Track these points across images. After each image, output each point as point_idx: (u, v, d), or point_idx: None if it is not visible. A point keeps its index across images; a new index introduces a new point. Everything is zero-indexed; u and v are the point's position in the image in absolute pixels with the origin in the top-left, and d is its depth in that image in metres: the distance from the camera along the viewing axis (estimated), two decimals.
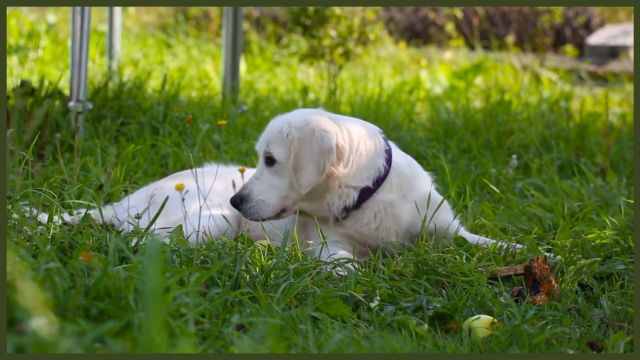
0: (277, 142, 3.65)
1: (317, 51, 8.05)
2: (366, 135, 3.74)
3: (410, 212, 3.79)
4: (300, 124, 3.64)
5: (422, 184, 3.86)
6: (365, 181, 3.71)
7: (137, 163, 4.95)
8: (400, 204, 3.77)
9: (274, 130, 3.68)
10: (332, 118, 3.72)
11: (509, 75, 10.02)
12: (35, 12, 12.34)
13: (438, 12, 13.36)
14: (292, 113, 3.78)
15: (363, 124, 3.81)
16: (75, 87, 5.40)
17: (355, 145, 3.69)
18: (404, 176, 3.80)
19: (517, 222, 4.31)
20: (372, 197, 3.74)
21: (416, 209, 3.77)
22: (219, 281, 3.04)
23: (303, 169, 3.61)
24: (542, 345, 2.81)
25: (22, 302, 2.16)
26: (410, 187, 3.81)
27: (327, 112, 3.79)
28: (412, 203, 3.78)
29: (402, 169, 3.81)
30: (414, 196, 3.80)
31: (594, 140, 6.09)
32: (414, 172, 3.87)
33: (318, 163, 3.60)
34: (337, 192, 3.69)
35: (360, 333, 2.91)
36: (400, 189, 3.78)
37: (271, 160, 3.67)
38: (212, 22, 13.09)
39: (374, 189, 3.73)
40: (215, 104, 6.62)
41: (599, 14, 13.40)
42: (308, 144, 3.61)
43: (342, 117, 3.79)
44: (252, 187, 3.67)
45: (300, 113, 3.76)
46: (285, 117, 3.73)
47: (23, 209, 3.48)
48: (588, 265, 3.56)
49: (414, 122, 6.55)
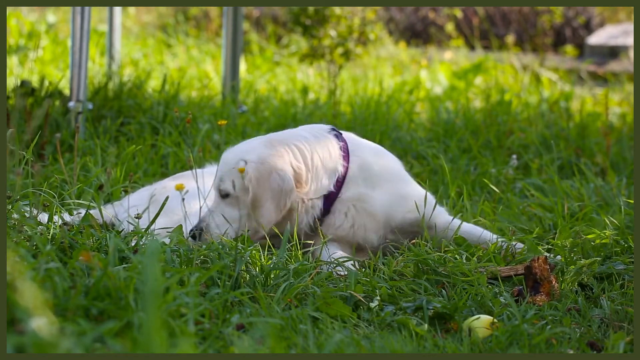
0: (230, 176, 3.63)
1: (317, 51, 8.05)
2: (317, 144, 3.71)
3: (383, 203, 3.77)
4: (256, 162, 3.61)
5: (391, 172, 3.83)
6: (328, 187, 3.71)
7: (137, 163, 4.95)
8: (371, 196, 3.75)
9: (228, 165, 3.65)
10: (281, 142, 3.68)
11: (509, 75, 10.02)
12: (35, 12, 12.34)
13: (438, 12, 13.36)
14: (244, 146, 3.72)
15: (310, 130, 3.77)
16: (75, 87, 5.39)
17: (309, 161, 3.67)
18: (367, 167, 3.77)
19: (517, 222, 4.31)
20: (339, 198, 3.73)
21: (390, 198, 3.76)
22: (219, 281, 3.04)
23: (262, 206, 3.59)
24: (542, 345, 2.81)
25: (22, 302, 2.16)
26: (378, 178, 3.79)
27: (276, 134, 3.77)
28: (385, 193, 3.77)
29: (364, 161, 3.77)
30: (385, 186, 3.78)
31: (594, 140, 6.09)
32: (380, 162, 3.83)
33: (278, 202, 3.58)
34: (302, 208, 3.68)
35: (360, 333, 2.91)
36: (366, 182, 3.76)
37: (226, 194, 3.66)
38: (212, 22, 13.09)
39: (336, 192, 3.72)
40: (215, 104, 6.62)
41: (599, 14, 13.40)
42: (266, 183, 3.58)
43: (289, 135, 3.75)
44: (208, 220, 3.64)
45: (253, 146, 3.69)
46: (239, 151, 3.69)
47: (23, 209, 3.48)
48: (588, 265, 3.56)
49: (414, 122, 6.55)
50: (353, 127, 6.03)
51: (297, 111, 6.63)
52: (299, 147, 3.68)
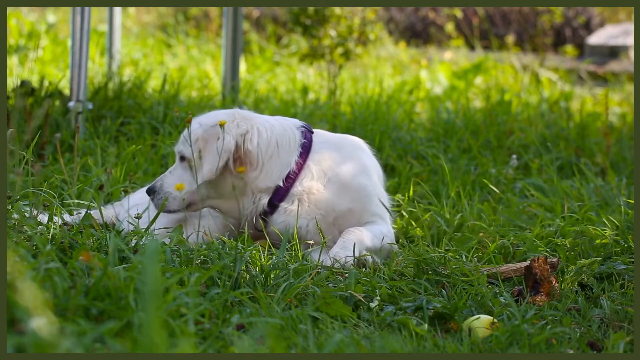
0: (188, 140, 3.72)
1: (317, 51, 8.05)
2: (279, 134, 3.77)
3: (329, 198, 3.78)
4: (209, 125, 3.71)
5: (347, 167, 3.84)
6: (276, 181, 3.74)
7: (137, 163, 4.95)
8: (318, 189, 3.77)
9: (188, 130, 3.74)
10: (245, 117, 3.76)
11: (509, 75, 10.02)
12: (35, 12, 12.34)
13: (438, 12, 13.36)
14: (207, 114, 3.85)
15: (280, 121, 3.84)
16: (75, 87, 5.39)
17: (264, 147, 3.73)
18: (324, 164, 3.80)
19: (518, 221, 4.31)
20: (288, 194, 3.75)
21: (337, 193, 3.78)
22: (219, 281, 3.04)
23: (204, 161, 3.66)
24: (542, 345, 2.81)
25: (22, 302, 2.16)
26: (332, 174, 3.80)
27: (245, 110, 3.85)
28: (334, 189, 3.79)
29: (323, 157, 3.80)
30: (335, 182, 3.79)
31: (594, 140, 6.09)
32: (341, 157, 3.85)
33: (218, 155, 3.65)
34: (250, 197, 3.75)
35: (360, 333, 2.91)
36: (320, 178, 3.78)
37: (182, 157, 3.76)
38: (212, 22, 13.09)
39: (285, 187, 3.74)
40: (215, 104, 6.62)
41: (599, 14, 13.40)
42: (212, 143, 3.67)
43: (258, 116, 3.84)
44: (163, 179, 3.77)
45: (213, 114, 3.82)
46: (200, 118, 3.80)
47: (23, 209, 3.48)
48: (588, 265, 3.56)
49: (414, 122, 6.55)
50: (353, 127, 6.03)
51: (297, 111, 6.63)
52: (259, 129, 3.75)
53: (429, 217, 4.19)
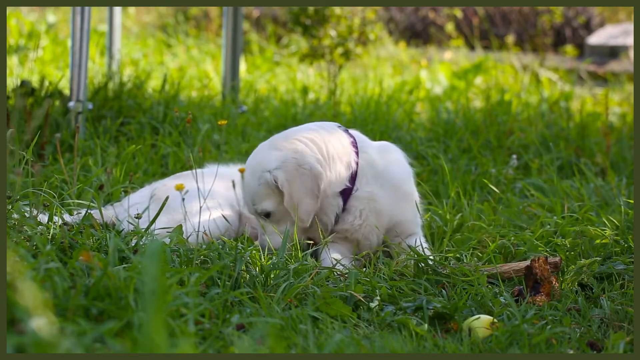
0: (261, 194, 3.63)
1: (317, 51, 8.05)
2: (328, 135, 3.70)
3: (388, 203, 3.76)
4: (279, 164, 3.59)
5: (397, 170, 3.82)
6: (345, 180, 3.69)
7: (137, 163, 4.95)
8: (379, 195, 3.74)
9: (254, 184, 3.63)
10: (288, 137, 3.68)
11: (509, 75, 10.02)
12: (35, 12, 12.34)
13: (438, 12, 13.36)
14: (257, 158, 3.69)
15: (319, 125, 3.77)
16: (75, 87, 5.39)
17: (324, 151, 3.66)
18: (376, 165, 3.76)
19: (518, 221, 4.31)
20: (353, 195, 3.72)
21: (393, 199, 3.76)
22: (219, 281, 3.04)
23: (300, 204, 3.58)
24: (542, 345, 2.81)
25: (22, 302, 2.15)
26: (386, 176, 3.77)
27: (278, 135, 3.76)
28: (390, 193, 3.76)
29: (374, 158, 3.77)
30: (389, 186, 3.77)
31: (594, 140, 6.09)
32: (387, 159, 3.82)
33: (312, 191, 3.58)
34: (326, 203, 3.67)
35: (360, 333, 2.91)
36: (376, 180, 3.75)
37: (267, 214, 3.65)
38: (212, 22, 13.09)
39: (351, 187, 3.71)
40: (215, 104, 6.62)
41: (599, 14, 13.40)
42: (297, 179, 3.57)
43: (297, 130, 3.75)
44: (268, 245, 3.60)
45: (265, 154, 3.67)
46: (257, 165, 3.66)
47: (23, 209, 3.48)
48: (588, 265, 3.56)
49: (414, 122, 6.55)
50: (353, 127, 6.01)
51: (297, 111, 6.63)
52: (310, 138, 3.67)
53: (428, 217, 4.19)
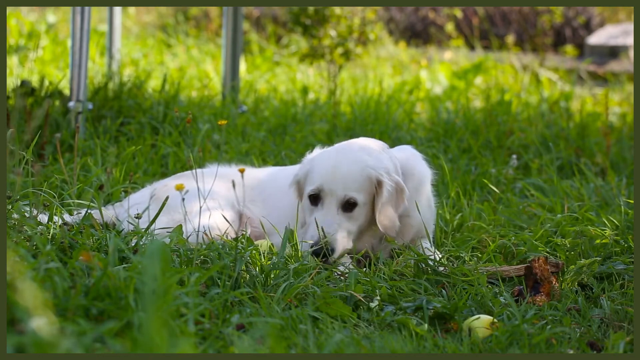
0: (357, 187, 3.62)
1: (317, 51, 8.05)
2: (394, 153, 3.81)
3: (418, 219, 3.82)
4: (385, 170, 3.64)
5: (425, 182, 3.89)
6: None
7: (137, 163, 4.95)
8: (413, 207, 3.79)
9: (354, 174, 3.62)
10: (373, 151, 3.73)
11: (509, 75, 10.02)
12: (35, 12, 12.34)
13: (438, 12, 13.36)
14: (361, 155, 3.68)
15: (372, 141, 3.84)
16: (75, 87, 5.39)
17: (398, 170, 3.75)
18: (415, 179, 3.83)
19: (518, 221, 4.31)
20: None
21: (421, 208, 3.81)
22: (219, 281, 3.04)
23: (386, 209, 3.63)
24: (542, 345, 2.81)
25: (22, 302, 2.15)
26: (419, 189, 3.85)
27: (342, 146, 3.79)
28: (420, 204, 3.82)
29: (413, 172, 3.83)
30: (421, 197, 3.85)
31: (594, 140, 6.09)
32: (420, 175, 3.88)
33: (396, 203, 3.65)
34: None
35: (360, 333, 2.91)
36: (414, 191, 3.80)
37: (350, 205, 3.62)
38: (212, 22, 13.08)
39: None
40: (215, 104, 6.62)
41: (599, 14, 13.40)
42: (409, 184, 3.71)
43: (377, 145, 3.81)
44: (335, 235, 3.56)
45: (370, 155, 3.68)
46: (361, 160, 3.66)
47: (23, 209, 3.48)
48: (588, 265, 3.56)
49: (414, 122, 6.55)
50: (353, 127, 6.03)
51: (297, 111, 6.63)
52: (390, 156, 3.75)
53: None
